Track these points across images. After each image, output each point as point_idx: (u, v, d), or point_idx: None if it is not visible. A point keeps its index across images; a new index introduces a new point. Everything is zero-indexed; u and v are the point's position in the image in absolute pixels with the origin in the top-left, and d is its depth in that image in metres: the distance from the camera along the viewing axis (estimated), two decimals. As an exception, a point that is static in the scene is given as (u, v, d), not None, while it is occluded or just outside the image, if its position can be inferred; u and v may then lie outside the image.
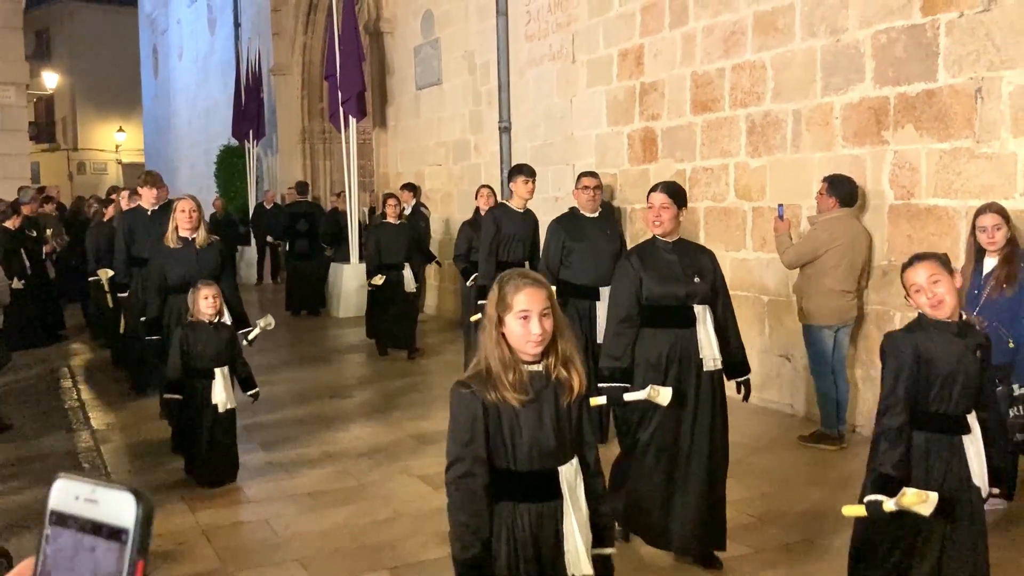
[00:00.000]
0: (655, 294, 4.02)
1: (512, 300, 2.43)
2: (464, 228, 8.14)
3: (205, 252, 5.84)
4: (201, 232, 5.87)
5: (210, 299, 5.15)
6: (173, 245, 5.80)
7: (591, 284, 5.76)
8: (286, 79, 16.78)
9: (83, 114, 37.23)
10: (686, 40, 7.57)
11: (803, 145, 6.53)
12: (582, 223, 5.90)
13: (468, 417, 2.45)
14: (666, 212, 4.09)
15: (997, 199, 4.99)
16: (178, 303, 5.68)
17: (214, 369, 5.16)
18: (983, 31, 5.27)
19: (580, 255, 5.80)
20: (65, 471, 0.78)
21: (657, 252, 4.11)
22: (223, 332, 5.28)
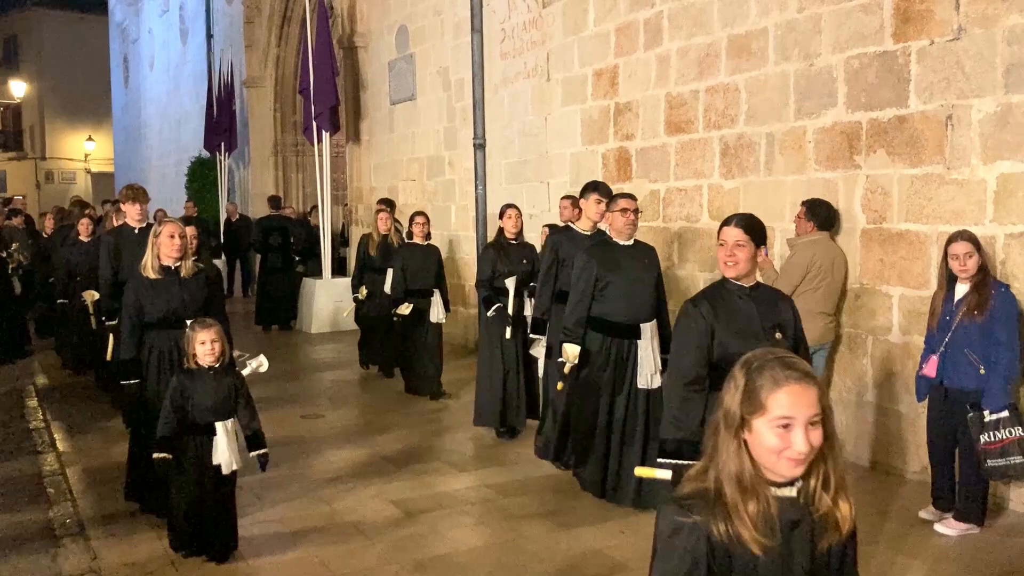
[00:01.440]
0: (730, 351, 3.34)
1: (769, 399, 1.77)
2: (488, 252, 7.15)
3: (191, 284, 5.02)
4: (187, 261, 5.06)
5: (208, 345, 4.31)
6: (153, 275, 4.94)
7: (630, 321, 5.20)
8: (259, 91, 16.67)
9: (52, 123, 36.80)
10: (660, 61, 7.60)
11: (776, 168, 6.57)
12: (616, 251, 5.27)
13: (686, 560, 1.78)
14: (742, 251, 3.51)
15: (967, 225, 5.05)
16: (160, 342, 4.97)
17: (215, 423, 4.32)
18: (953, 59, 5.33)
19: (616, 288, 5.17)
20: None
21: (730, 299, 3.53)
22: (226, 378, 4.40)
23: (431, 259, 8.17)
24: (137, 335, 4.99)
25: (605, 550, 4.59)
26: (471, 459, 6.27)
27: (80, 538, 4.89)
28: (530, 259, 6.93)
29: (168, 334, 4.94)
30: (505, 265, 6.82)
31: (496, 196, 10.06)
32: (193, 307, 4.96)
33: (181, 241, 4.96)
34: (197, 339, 4.30)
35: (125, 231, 6.65)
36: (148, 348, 5.00)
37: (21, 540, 4.92)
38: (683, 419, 3.46)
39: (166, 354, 4.98)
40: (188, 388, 4.33)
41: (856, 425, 5.98)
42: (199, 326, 4.34)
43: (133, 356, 5.01)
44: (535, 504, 5.31)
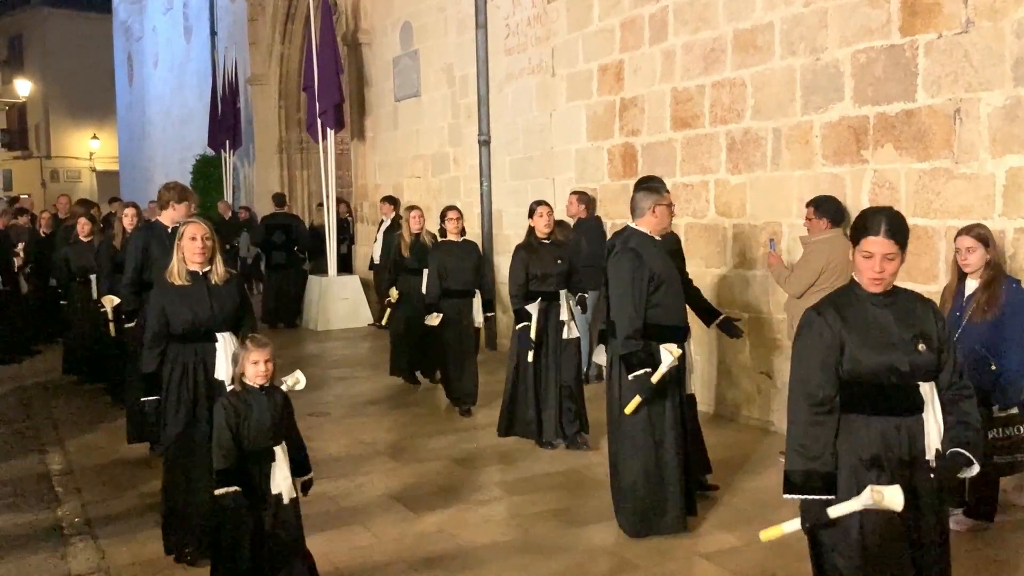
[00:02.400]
0: (865, 367, 2.94)
1: None
2: (519, 255, 6.42)
3: (221, 292, 4.48)
4: (218, 265, 4.51)
5: (262, 365, 3.85)
6: (179, 281, 4.42)
7: (681, 323, 4.84)
8: (263, 89, 16.66)
9: (56, 121, 36.89)
10: (666, 56, 7.57)
11: (783, 163, 6.54)
12: (660, 249, 4.81)
13: None
14: (891, 265, 2.98)
15: (976, 220, 5.02)
16: (184, 355, 4.44)
17: (274, 448, 3.86)
18: (961, 52, 5.30)
19: (669, 290, 4.73)
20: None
21: (861, 306, 3.03)
22: (277, 397, 3.96)
23: (469, 256, 7.50)
24: (160, 347, 4.47)
25: (614, 548, 4.58)
26: (479, 456, 6.26)
27: (88, 537, 4.90)
28: (565, 259, 6.40)
29: (194, 348, 4.44)
30: (538, 267, 6.30)
31: (501, 193, 10.06)
32: (223, 317, 4.46)
33: (205, 243, 4.43)
34: (250, 358, 3.84)
35: (156, 229, 6.11)
36: (171, 362, 4.45)
37: (29, 539, 4.93)
38: (810, 446, 2.97)
39: (190, 370, 4.44)
40: (243, 411, 3.83)
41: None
42: (253, 344, 3.88)
43: (154, 370, 4.47)
44: (543, 501, 5.29)
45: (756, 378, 6.87)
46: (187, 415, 4.44)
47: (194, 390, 4.43)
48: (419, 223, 8.43)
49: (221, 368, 4.39)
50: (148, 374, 4.50)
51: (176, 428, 4.46)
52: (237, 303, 4.56)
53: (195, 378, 4.44)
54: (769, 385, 6.76)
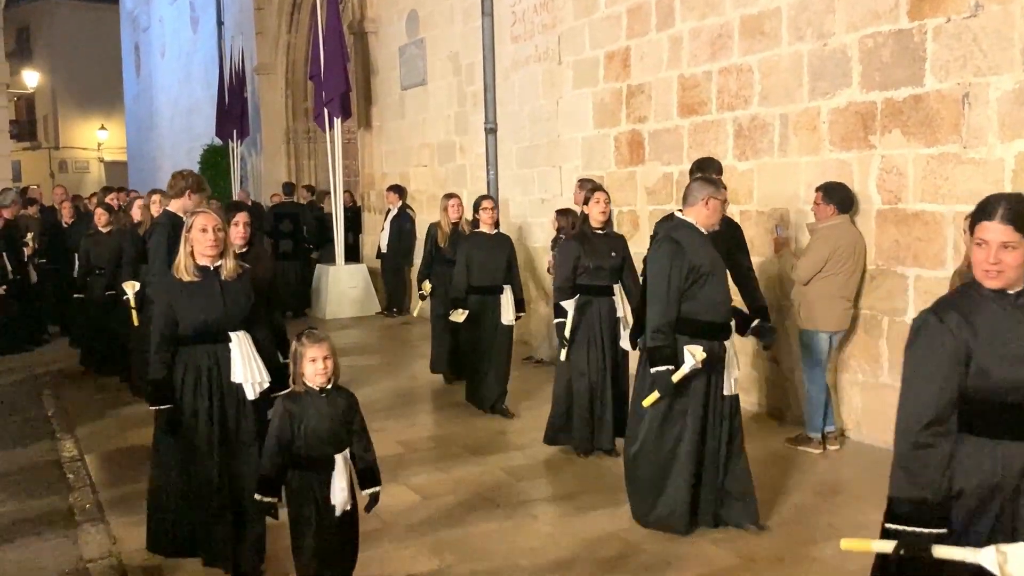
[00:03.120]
0: (996, 382, 2.53)
1: None
2: (570, 246, 5.85)
3: (234, 288, 4.13)
4: (228, 259, 4.15)
5: (320, 363, 3.54)
6: (188, 277, 4.06)
7: (723, 320, 4.57)
8: (270, 78, 16.68)
9: (64, 112, 36.95)
10: (672, 43, 7.55)
11: (790, 149, 6.52)
12: (705, 242, 4.54)
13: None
14: (1011, 255, 2.54)
15: (984, 205, 4.99)
16: (196, 359, 4.07)
17: (334, 456, 3.58)
18: (970, 36, 5.27)
19: (711, 285, 4.48)
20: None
21: (988, 309, 2.58)
22: (340, 400, 3.63)
23: (500, 250, 6.97)
24: (169, 350, 4.08)
25: (619, 533, 4.60)
26: (486, 444, 6.28)
27: (100, 523, 4.95)
28: (620, 252, 5.86)
29: (206, 350, 4.08)
30: (591, 260, 5.72)
31: (507, 181, 10.05)
32: (237, 316, 4.12)
33: (217, 235, 4.05)
34: (307, 355, 3.54)
35: (178, 221, 5.65)
36: (183, 367, 4.08)
37: (42, 525, 4.98)
38: (919, 472, 2.58)
39: (204, 374, 4.08)
40: (297, 415, 3.54)
41: (872, 407, 5.96)
42: (309, 340, 3.56)
43: (164, 376, 4.08)
44: (550, 488, 5.32)
45: (762, 364, 6.86)
46: (208, 424, 4.08)
47: (210, 395, 4.09)
48: (458, 212, 7.93)
49: (238, 370, 4.09)
50: (157, 381, 4.08)
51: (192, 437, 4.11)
52: (252, 300, 4.21)
53: (211, 383, 4.09)
54: (774, 371, 6.75)
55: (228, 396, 4.11)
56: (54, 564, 4.47)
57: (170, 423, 4.08)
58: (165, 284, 4.18)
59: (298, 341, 3.58)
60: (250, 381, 4.12)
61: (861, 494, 4.94)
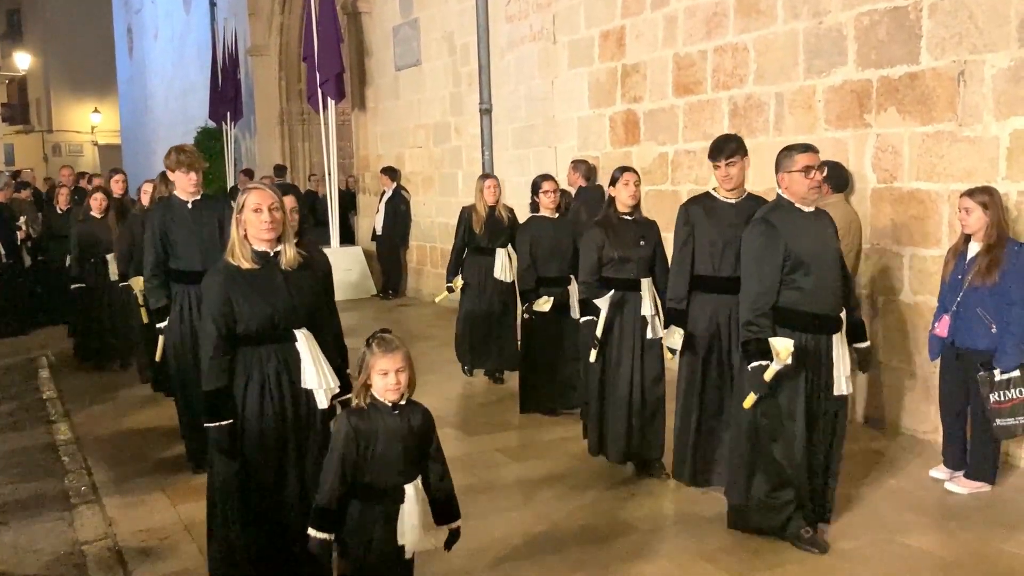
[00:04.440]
0: None
1: None
2: (593, 233, 5.18)
3: (297, 278, 3.52)
4: (288, 245, 3.52)
5: (392, 376, 3.01)
6: (246, 264, 3.44)
7: (831, 312, 4.06)
8: (263, 60, 16.56)
9: (57, 95, 36.76)
10: (668, 21, 7.50)
11: (786, 128, 6.50)
12: (804, 222, 4.07)
13: None
14: None
15: (980, 183, 4.99)
16: (260, 361, 3.45)
17: (404, 486, 3.05)
18: (966, 13, 5.24)
19: (815, 268, 3.99)
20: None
21: None
22: (413, 419, 3.09)
23: (565, 236, 6.19)
24: (228, 353, 3.43)
25: (615, 511, 4.62)
26: (482, 424, 6.29)
27: (96, 506, 4.95)
28: (651, 240, 5.16)
29: (272, 351, 3.46)
30: (616, 249, 5.05)
31: (503, 162, 10.02)
32: (303, 310, 3.51)
33: (273, 215, 3.42)
34: (377, 366, 3.00)
35: (175, 204, 5.31)
36: (244, 372, 3.45)
37: (38, 508, 4.98)
38: None
39: (271, 379, 3.46)
40: (364, 434, 3.00)
41: (867, 385, 5.97)
42: (381, 348, 3.02)
43: (223, 385, 3.43)
44: (546, 467, 5.32)
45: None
46: (278, 439, 3.47)
47: (281, 405, 3.47)
48: (494, 194, 7.19)
49: (310, 374, 3.48)
50: (217, 391, 3.43)
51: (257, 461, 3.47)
52: (318, 291, 3.63)
53: (280, 389, 3.47)
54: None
55: (299, 404, 3.51)
56: (50, 547, 4.47)
57: (230, 441, 3.43)
58: (221, 273, 3.44)
59: (367, 348, 3.04)
60: (323, 387, 3.51)
61: (852, 471, 4.95)
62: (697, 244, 4.64)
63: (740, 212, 4.54)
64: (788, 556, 4.04)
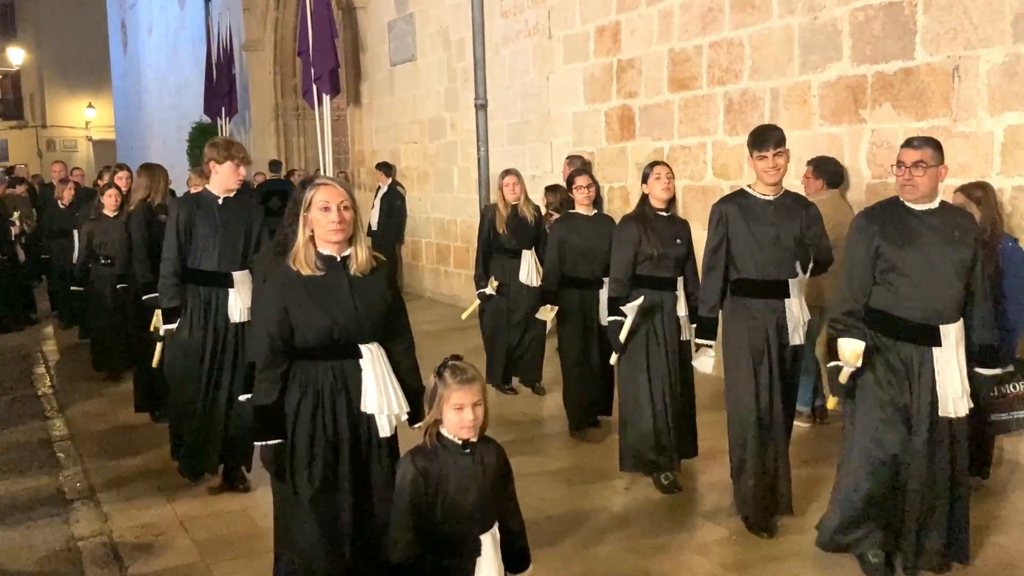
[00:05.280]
0: None
1: None
2: (628, 229, 4.88)
3: (367, 285, 3.14)
4: (359, 247, 3.14)
5: (468, 411, 2.66)
6: (308, 271, 3.07)
7: (927, 321, 3.61)
8: (258, 55, 16.51)
9: (51, 90, 36.60)
10: (663, 17, 7.50)
11: (781, 123, 6.45)
12: (908, 219, 3.68)
13: None
14: None
15: (974, 178, 5.00)
16: (317, 379, 3.11)
17: (480, 536, 2.71)
18: (960, 9, 5.25)
19: (911, 271, 3.61)
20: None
21: None
22: (488, 458, 2.74)
23: (601, 235, 5.59)
24: (280, 367, 3.11)
25: (609, 506, 4.63)
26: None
27: (91, 502, 4.95)
28: (685, 238, 4.94)
29: (330, 367, 3.11)
30: (653, 246, 4.78)
31: (498, 157, 10.00)
32: (371, 323, 3.13)
33: (343, 215, 3.06)
34: (451, 400, 2.64)
35: (204, 199, 4.89)
36: (298, 389, 3.12)
37: (33, 504, 4.98)
38: None
39: (327, 399, 3.11)
40: (434, 479, 2.64)
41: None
42: (455, 379, 2.64)
43: (273, 401, 3.11)
44: (541, 462, 5.33)
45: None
46: (326, 467, 3.11)
47: (335, 428, 3.12)
48: (515, 192, 6.68)
49: (371, 397, 3.11)
50: (265, 407, 3.12)
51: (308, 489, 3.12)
52: (388, 301, 3.21)
53: (335, 411, 3.12)
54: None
55: (358, 431, 3.15)
56: (45, 543, 4.47)
57: (279, 462, 3.12)
58: (279, 280, 3.12)
59: (439, 378, 2.67)
60: (385, 411, 3.13)
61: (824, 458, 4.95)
62: (733, 247, 4.25)
63: (780, 210, 4.23)
64: (782, 549, 4.06)
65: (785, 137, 4.25)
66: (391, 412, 3.14)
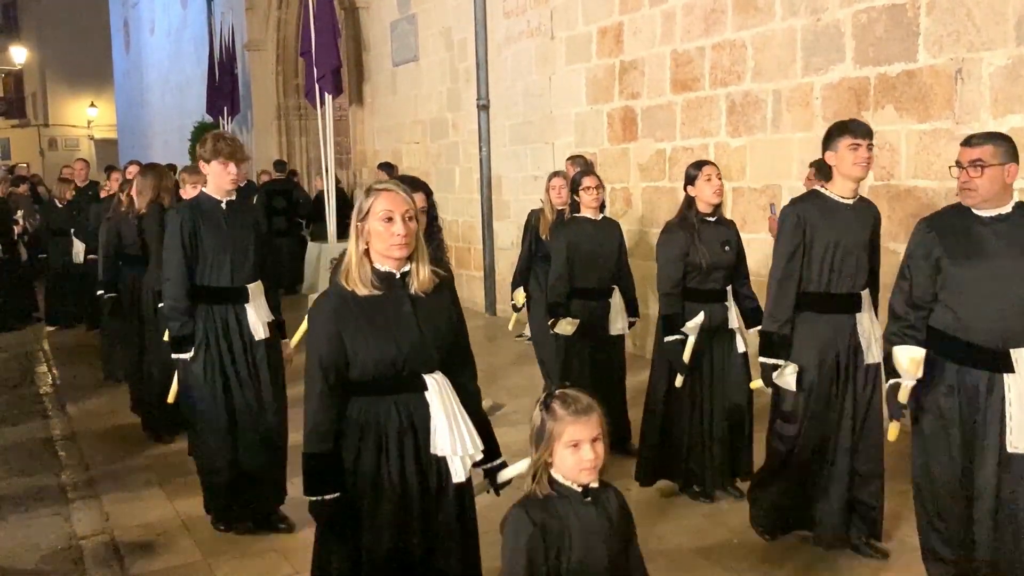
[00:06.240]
0: None
1: None
2: (675, 236, 4.48)
3: (431, 305, 2.71)
4: (422, 263, 2.69)
5: (588, 449, 2.18)
6: (365, 291, 2.62)
7: (995, 346, 3.19)
8: (260, 55, 16.53)
9: (54, 89, 36.64)
10: (666, 18, 7.50)
11: (783, 125, 6.51)
12: (973, 227, 3.27)
13: None
14: None
15: (976, 181, 4.99)
16: (378, 416, 2.65)
17: None
18: (963, 11, 5.25)
19: (977, 288, 3.22)
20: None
21: None
22: (610, 504, 2.30)
23: (609, 240, 5.27)
24: (335, 406, 2.65)
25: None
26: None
27: (92, 500, 4.96)
28: (734, 245, 4.56)
29: (394, 404, 2.66)
30: (702, 255, 4.40)
31: (500, 158, 10.01)
32: (436, 350, 2.70)
33: (408, 226, 2.60)
34: (566, 435, 2.16)
35: (206, 205, 4.27)
36: (356, 431, 2.66)
37: (35, 503, 4.98)
38: None
39: (392, 441, 2.66)
40: (555, 533, 2.17)
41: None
42: (569, 411, 2.17)
43: (328, 448, 2.65)
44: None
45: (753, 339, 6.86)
46: (394, 522, 2.67)
47: (402, 476, 2.67)
48: (563, 196, 6.00)
49: (443, 437, 2.66)
50: (317, 455, 2.65)
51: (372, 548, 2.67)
52: (454, 323, 2.80)
53: (402, 456, 2.67)
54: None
55: (428, 477, 2.70)
56: (47, 542, 4.47)
57: (337, 520, 2.67)
58: (331, 301, 2.66)
59: (545, 411, 2.20)
60: (459, 452, 2.68)
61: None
62: (809, 254, 3.78)
63: (860, 216, 3.82)
64: (788, 555, 4.05)
65: None
66: (465, 453, 2.70)
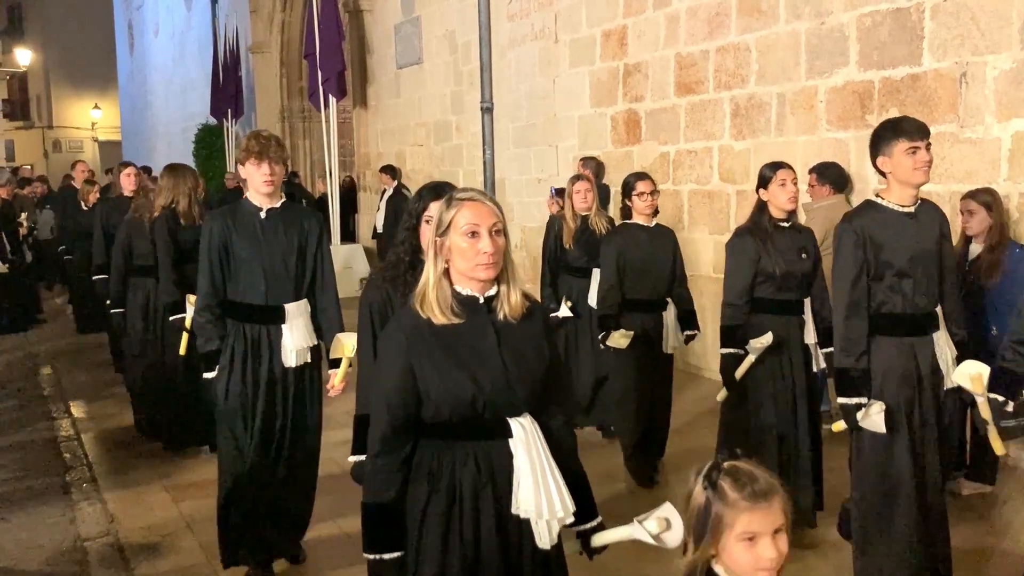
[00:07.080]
0: None
1: None
2: (744, 243, 4.16)
3: (520, 336, 2.29)
4: (513, 288, 2.28)
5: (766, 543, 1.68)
6: (443, 319, 2.21)
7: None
8: (264, 57, 16.57)
9: (58, 91, 36.74)
10: (670, 21, 7.51)
11: (787, 128, 6.51)
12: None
13: None
14: None
15: (981, 184, 5.00)
16: (448, 462, 2.26)
17: None
18: (968, 15, 5.25)
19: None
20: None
21: None
22: None
23: (663, 249, 4.96)
24: (403, 451, 2.27)
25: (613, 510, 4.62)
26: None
27: (97, 502, 4.96)
28: (811, 252, 4.20)
29: (472, 453, 2.26)
30: (775, 264, 4.06)
31: (504, 161, 10.02)
32: (525, 390, 2.27)
33: (496, 242, 2.20)
34: (737, 527, 1.68)
35: (243, 212, 3.81)
36: (425, 481, 2.27)
37: (39, 504, 4.99)
38: None
39: (466, 498, 2.25)
40: None
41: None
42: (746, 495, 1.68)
43: (392, 498, 2.27)
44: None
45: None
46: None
47: (475, 538, 2.26)
48: (586, 201, 5.69)
49: (527, 495, 2.23)
50: (378, 506, 2.28)
51: None
52: (547, 359, 2.34)
53: (477, 513, 2.26)
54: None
55: (508, 541, 2.28)
56: (51, 542, 4.48)
57: None
58: (402, 330, 2.26)
59: (711, 489, 1.71)
60: (545, 515, 2.24)
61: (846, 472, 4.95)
62: (873, 273, 3.37)
63: (924, 224, 3.36)
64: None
65: None
66: (553, 516, 2.25)
